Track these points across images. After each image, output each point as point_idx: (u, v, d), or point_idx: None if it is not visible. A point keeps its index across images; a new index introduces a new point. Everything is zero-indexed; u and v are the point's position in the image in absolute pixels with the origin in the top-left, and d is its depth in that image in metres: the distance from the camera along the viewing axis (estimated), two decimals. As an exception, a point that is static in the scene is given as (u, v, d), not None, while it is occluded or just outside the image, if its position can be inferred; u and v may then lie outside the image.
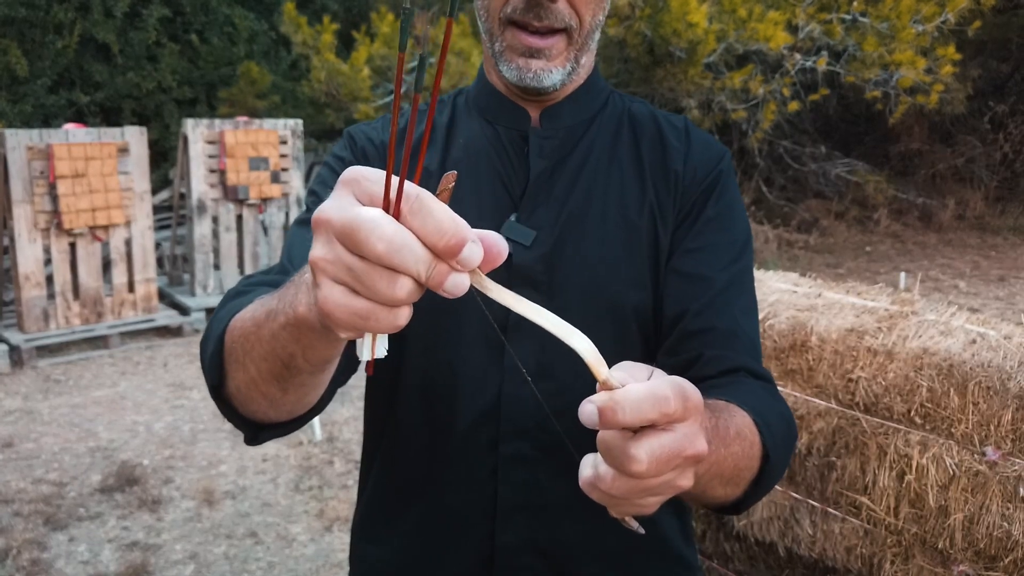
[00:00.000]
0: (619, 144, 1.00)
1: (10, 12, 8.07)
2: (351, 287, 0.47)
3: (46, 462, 3.81)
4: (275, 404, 0.73)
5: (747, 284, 0.96)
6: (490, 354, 0.94)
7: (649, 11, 6.49)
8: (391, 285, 0.46)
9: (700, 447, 0.53)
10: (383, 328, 0.48)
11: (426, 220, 0.46)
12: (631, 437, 0.51)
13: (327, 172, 0.99)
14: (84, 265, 5.40)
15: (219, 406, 0.80)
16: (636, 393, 0.49)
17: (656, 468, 0.51)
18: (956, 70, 6.84)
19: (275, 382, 0.69)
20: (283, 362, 0.65)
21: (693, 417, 0.52)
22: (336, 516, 3.30)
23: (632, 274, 0.94)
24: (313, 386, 0.71)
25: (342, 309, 0.47)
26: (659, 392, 0.50)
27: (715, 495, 0.76)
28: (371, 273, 0.46)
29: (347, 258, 0.47)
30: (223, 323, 0.76)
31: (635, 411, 0.49)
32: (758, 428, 0.78)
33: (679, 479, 0.54)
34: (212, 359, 0.76)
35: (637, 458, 0.50)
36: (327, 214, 0.48)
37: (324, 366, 0.66)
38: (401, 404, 0.99)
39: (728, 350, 0.90)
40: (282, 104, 9.34)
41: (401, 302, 0.47)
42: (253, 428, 0.81)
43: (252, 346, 0.68)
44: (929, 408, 1.65)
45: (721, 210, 0.96)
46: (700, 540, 2.23)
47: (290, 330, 0.61)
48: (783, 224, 8.74)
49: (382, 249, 0.45)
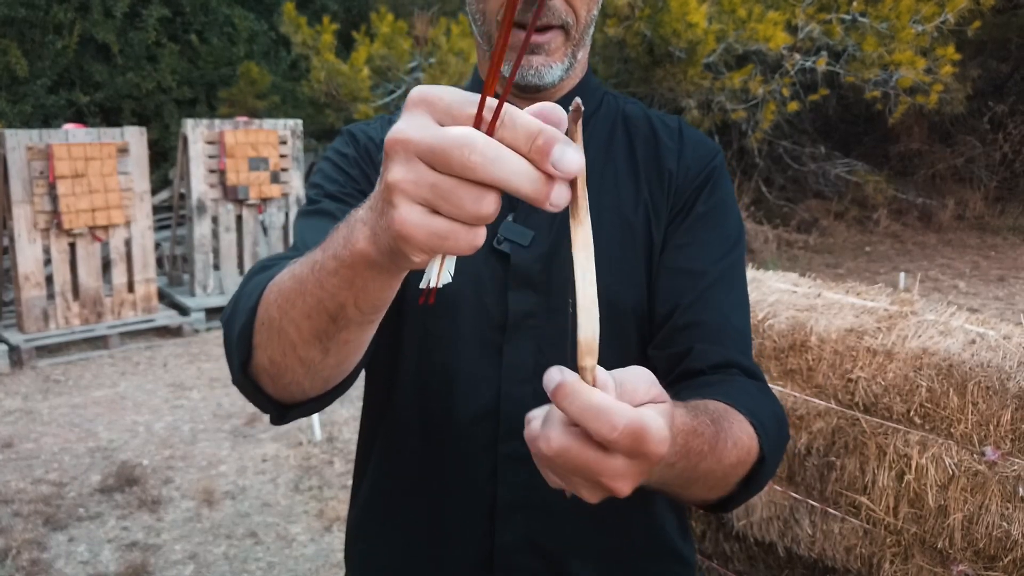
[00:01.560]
0: (614, 144, 1.00)
1: (10, 12, 8.08)
2: (432, 206, 0.47)
3: (46, 462, 3.81)
4: (312, 371, 0.71)
5: (738, 279, 0.96)
6: (487, 354, 0.94)
7: (649, 11, 6.49)
8: (478, 201, 0.46)
9: (618, 487, 0.52)
10: (462, 247, 0.48)
11: (516, 128, 0.46)
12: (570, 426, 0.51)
13: (329, 166, 0.99)
14: (84, 265, 5.40)
15: (244, 386, 0.77)
16: (593, 399, 0.49)
17: (559, 460, 0.51)
18: (956, 70, 6.84)
19: (317, 342, 0.67)
20: (330, 314, 0.63)
21: (637, 460, 0.51)
22: (336, 516, 3.30)
23: (628, 273, 0.95)
24: (356, 346, 0.69)
25: (421, 229, 0.47)
26: (613, 416, 0.49)
27: (706, 497, 0.77)
28: (458, 190, 0.46)
29: (431, 176, 0.46)
30: (254, 295, 0.74)
31: (580, 411, 0.49)
32: (757, 433, 0.78)
33: (582, 490, 0.54)
34: (242, 332, 0.74)
35: (547, 437, 0.51)
36: (406, 134, 0.47)
37: (374, 315, 0.64)
38: (398, 404, 0.99)
39: (717, 344, 0.90)
40: (282, 104, 9.34)
41: (485, 219, 0.47)
42: (280, 408, 0.79)
43: (294, 304, 0.66)
44: (928, 408, 1.65)
45: (712, 206, 0.97)
46: (700, 540, 2.23)
47: (344, 273, 0.59)
48: (783, 224, 8.74)
49: (478, 162, 0.45)
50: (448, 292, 0.94)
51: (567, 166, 0.46)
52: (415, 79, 7.24)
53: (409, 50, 7.25)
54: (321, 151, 9.14)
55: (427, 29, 7.17)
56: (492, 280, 0.94)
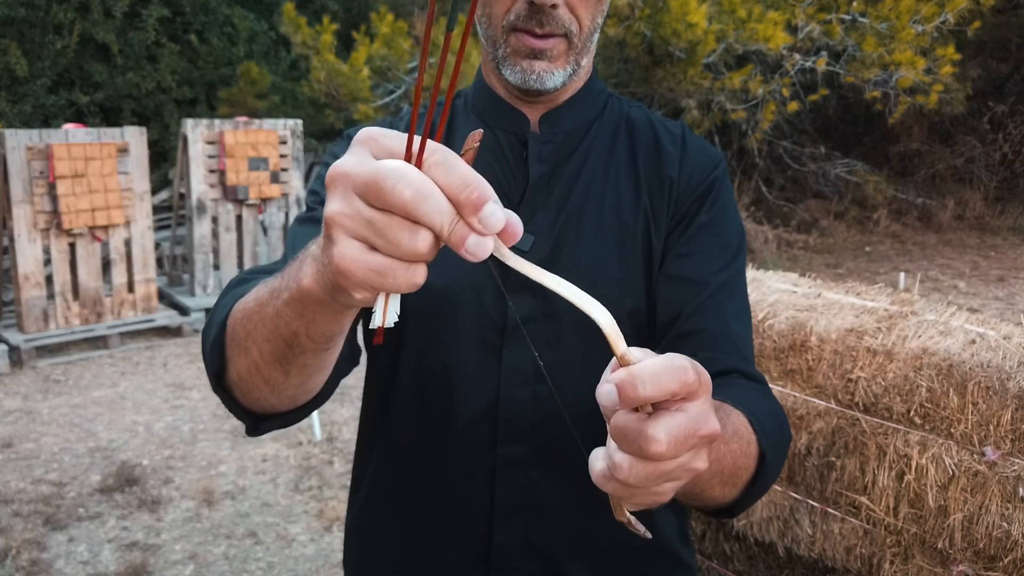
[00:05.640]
0: (616, 149, 1.00)
1: (10, 12, 8.08)
2: (369, 242, 0.47)
3: (46, 462, 3.81)
4: (277, 389, 0.72)
5: (739, 287, 0.97)
6: (487, 358, 0.94)
7: (649, 11, 6.49)
8: (413, 237, 0.46)
9: (714, 425, 0.52)
10: (400, 285, 0.47)
11: (450, 173, 0.46)
12: (646, 419, 0.50)
13: (326, 172, 0.99)
14: (84, 265, 5.40)
15: (220, 396, 0.79)
16: (655, 365, 0.48)
17: (675, 448, 0.49)
18: (956, 70, 6.84)
19: (277, 364, 0.68)
20: (286, 341, 0.64)
21: (705, 395, 0.51)
22: (336, 516, 3.30)
23: (627, 278, 0.95)
24: (316, 368, 0.70)
25: (359, 265, 0.47)
26: (677, 363, 0.48)
27: (713, 495, 0.76)
28: (393, 225, 0.46)
29: (367, 212, 0.46)
30: (226, 309, 0.76)
31: (655, 383, 0.47)
32: (754, 428, 0.78)
33: (695, 460, 0.53)
34: (214, 346, 0.76)
35: (656, 438, 0.49)
36: (345, 168, 0.47)
37: (327, 344, 0.65)
38: (397, 405, 0.99)
39: (719, 351, 0.90)
40: (282, 104, 9.34)
41: (421, 257, 0.47)
42: (254, 419, 0.80)
43: (255, 327, 0.67)
44: (928, 408, 1.65)
45: (714, 215, 0.97)
46: (700, 540, 2.23)
47: (294, 305, 0.60)
48: (783, 224, 8.74)
49: (409, 196, 0.45)
50: (448, 295, 0.94)
51: (493, 224, 0.46)
52: (415, 79, 7.24)
53: (409, 50, 7.25)
54: (321, 151, 9.14)
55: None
56: (491, 284, 0.94)
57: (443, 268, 0.95)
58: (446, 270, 0.95)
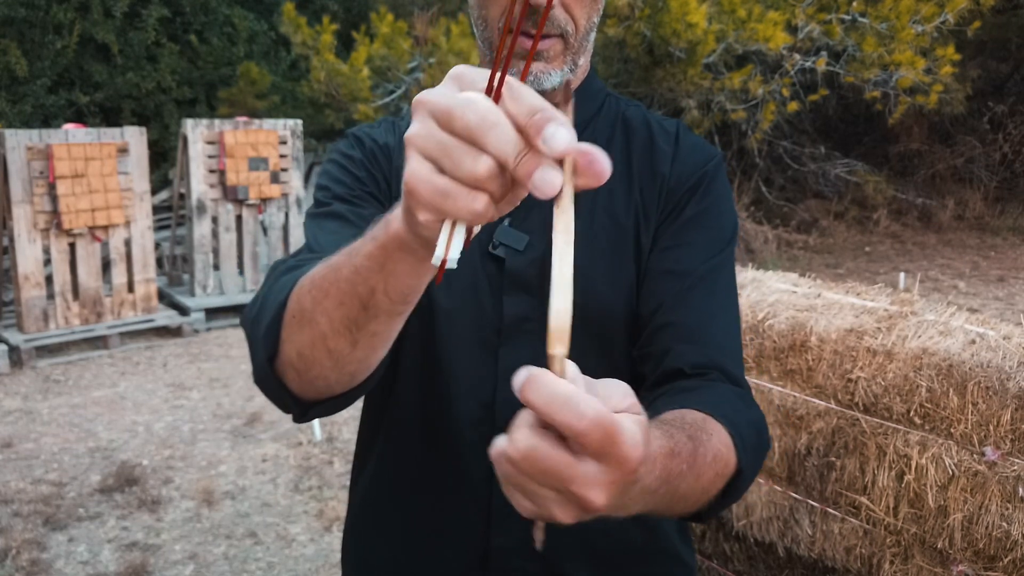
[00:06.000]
0: (611, 149, 1.00)
1: (10, 12, 8.08)
2: (438, 163, 0.49)
3: (45, 462, 3.81)
4: (340, 363, 0.71)
5: (723, 280, 0.95)
6: (484, 357, 0.95)
7: (648, 11, 6.49)
8: (475, 161, 0.47)
9: (590, 496, 0.47)
10: (461, 210, 0.49)
11: (519, 102, 0.48)
12: (530, 419, 0.48)
13: (335, 168, 0.99)
14: (84, 265, 5.40)
15: (267, 382, 0.77)
16: (558, 388, 0.45)
17: (525, 464, 0.47)
18: (955, 70, 6.84)
19: (347, 332, 0.68)
20: (362, 301, 0.64)
21: (610, 464, 0.46)
22: (336, 516, 3.30)
23: (620, 277, 0.95)
24: (383, 340, 0.70)
25: (425, 184, 0.49)
26: (580, 405, 0.45)
27: (679, 514, 0.75)
28: (458, 148, 0.48)
29: (438, 134, 0.48)
30: (285, 289, 0.75)
31: (545, 401, 0.45)
32: (735, 443, 0.76)
33: (553, 507, 0.49)
34: (270, 326, 0.74)
35: (512, 439, 0.48)
36: (429, 96, 0.50)
37: (403, 304, 0.65)
38: (398, 404, 1.00)
39: (698, 343, 0.89)
40: (282, 104, 9.34)
41: (480, 181, 0.48)
42: (303, 405, 0.79)
43: (325, 294, 0.67)
44: (928, 408, 1.65)
45: (703, 209, 0.96)
46: (700, 540, 2.23)
47: (376, 256, 0.61)
48: (783, 224, 8.74)
49: (472, 120, 0.47)
50: (446, 295, 0.94)
51: (556, 143, 0.46)
52: (415, 79, 7.24)
53: (409, 50, 7.25)
54: (321, 151, 9.15)
55: (427, 29, 7.17)
56: (488, 284, 0.94)
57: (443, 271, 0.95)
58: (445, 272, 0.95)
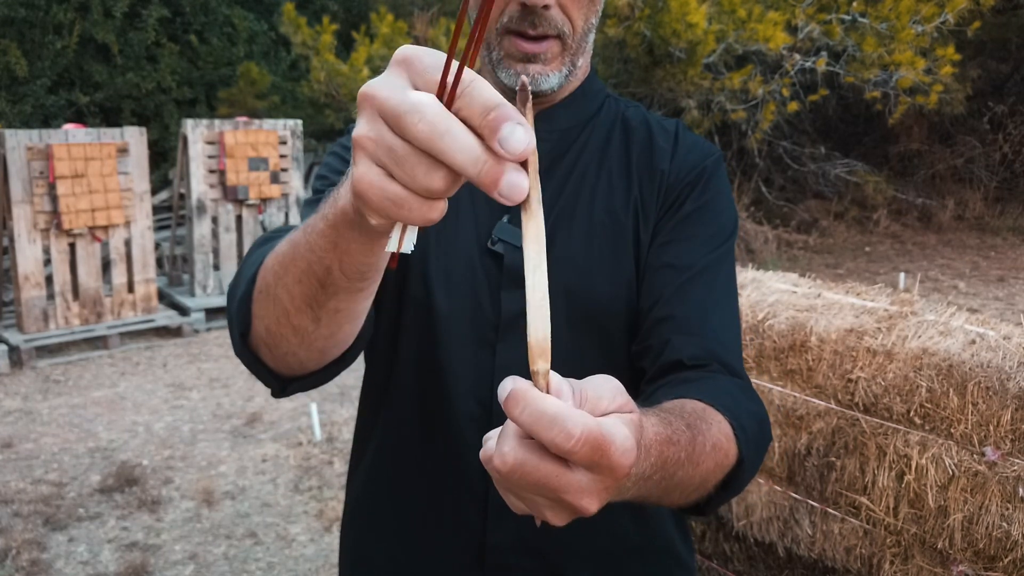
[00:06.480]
0: (610, 147, 1.00)
1: (10, 12, 8.08)
2: (389, 170, 0.45)
3: (45, 462, 3.81)
4: (306, 340, 0.71)
5: (723, 274, 0.96)
6: (481, 353, 0.95)
7: (648, 11, 6.49)
8: (428, 174, 0.44)
9: (582, 504, 0.48)
10: (415, 219, 0.46)
11: (472, 101, 0.43)
12: (526, 439, 0.47)
13: (336, 160, 1.00)
14: (84, 265, 5.40)
15: (244, 357, 0.78)
16: (545, 405, 0.45)
17: (516, 477, 0.47)
18: (955, 70, 6.84)
19: (308, 309, 0.67)
20: (319, 279, 0.63)
21: (601, 474, 0.47)
22: (336, 516, 3.30)
23: (618, 274, 0.95)
24: (347, 316, 0.69)
25: (376, 191, 0.46)
26: (567, 423, 0.44)
27: (678, 503, 0.75)
28: (411, 158, 0.44)
29: (389, 138, 0.45)
30: (255, 265, 0.75)
31: (532, 420, 0.45)
32: (735, 433, 0.77)
33: (546, 511, 0.50)
34: (241, 302, 0.74)
35: (501, 453, 0.47)
36: (374, 90, 0.45)
37: (360, 282, 0.63)
38: (395, 399, 1.00)
39: (697, 336, 0.89)
40: (282, 104, 9.34)
41: (436, 194, 0.45)
42: (281, 380, 0.79)
43: (286, 270, 0.66)
44: (928, 408, 1.65)
45: (701, 204, 0.97)
46: (700, 540, 2.23)
47: (328, 234, 0.58)
48: (782, 224, 8.74)
49: (423, 131, 0.43)
50: (444, 291, 0.95)
51: (514, 145, 0.42)
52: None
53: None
54: (321, 151, 9.15)
55: (427, 29, 7.17)
56: (486, 280, 0.95)
57: (440, 265, 0.95)
58: (443, 265, 0.95)
